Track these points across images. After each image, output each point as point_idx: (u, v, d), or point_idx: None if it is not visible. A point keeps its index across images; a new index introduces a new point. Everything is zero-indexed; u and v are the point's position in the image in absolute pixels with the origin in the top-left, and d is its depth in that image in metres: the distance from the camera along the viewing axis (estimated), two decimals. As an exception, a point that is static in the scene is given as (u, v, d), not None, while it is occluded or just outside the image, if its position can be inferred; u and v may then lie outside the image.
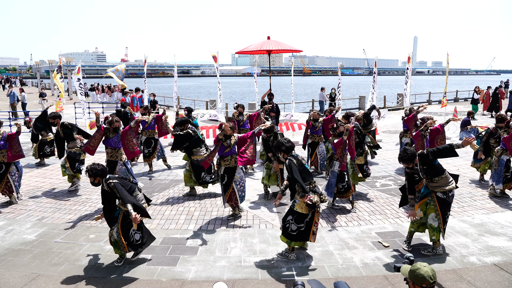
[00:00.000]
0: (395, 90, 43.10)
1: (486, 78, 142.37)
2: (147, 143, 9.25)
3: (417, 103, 26.32)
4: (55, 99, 13.71)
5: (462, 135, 13.32)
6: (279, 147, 5.09)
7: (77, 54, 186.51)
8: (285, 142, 5.07)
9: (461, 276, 4.57)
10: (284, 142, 5.07)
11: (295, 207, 4.93)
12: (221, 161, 6.33)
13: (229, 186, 6.29)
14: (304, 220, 4.90)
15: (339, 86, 14.23)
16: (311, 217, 4.92)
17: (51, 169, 9.74)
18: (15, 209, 6.93)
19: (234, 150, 6.32)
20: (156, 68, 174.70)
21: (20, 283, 4.49)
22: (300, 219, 4.90)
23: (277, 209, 6.91)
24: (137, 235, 4.88)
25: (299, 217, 4.90)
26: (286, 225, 4.97)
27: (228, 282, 4.50)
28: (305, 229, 4.91)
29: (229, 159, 6.28)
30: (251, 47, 12.93)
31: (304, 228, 4.91)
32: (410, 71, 14.26)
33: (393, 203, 7.12)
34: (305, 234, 4.92)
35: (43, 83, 34.94)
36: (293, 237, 4.93)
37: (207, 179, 7.43)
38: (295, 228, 4.91)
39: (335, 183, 6.62)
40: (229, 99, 37.50)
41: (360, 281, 4.51)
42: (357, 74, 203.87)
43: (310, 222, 4.93)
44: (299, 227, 4.91)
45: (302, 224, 4.90)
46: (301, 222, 4.90)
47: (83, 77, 13.79)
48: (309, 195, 4.70)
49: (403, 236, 5.71)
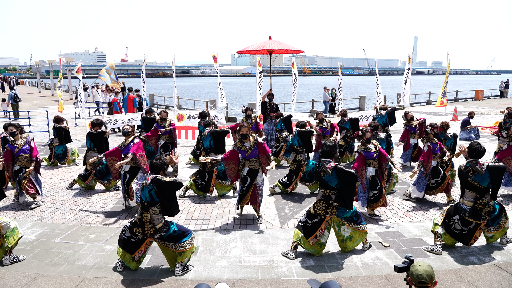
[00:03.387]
0: (395, 90, 43.09)
1: (486, 78, 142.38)
2: (164, 147, 9.30)
3: (417, 103, 26.32)
4: (57, 99, 13.69)
5: (462, 135, 13.35)
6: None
7: (77, 54, 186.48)
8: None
9: (461, 276, 4.57)
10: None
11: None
12: (246, 162, 6.15)
13: (250, 188, 6.15)
14: (313, 219, 5.09)
15: (339, 86, 14.23)
16: (318, 221, 5.06)
17: (51, 169, 9.73)
18: (15, 209, 6.92)
19: (255, 153, 6.14)
20: (156, 68, 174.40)
21: (20, 283, 4.49)
22: (310, 216, 5.12)
23: (277, 209, 6.91)
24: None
25: (309, 213, 5.14)
26: (302, 218, 5.23)
27: (228, 282, 4.49)
28: (310, 226, 5.08)
29: (254, 161, 6.14)
30: (252, 46, 12.90)
31: (310, 226, 5.09)
32: (410, 71, 14.28)
33: (393, 203, 7.12)
34: (310, 231, 5.08)
35: (69, 84, 33.13)
36: (300, 227, 5.13)
37: (198, 182, 7.48)
38: (304, 219, 5.16)
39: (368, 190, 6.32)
40: (229, 99, 37.51)
41: (360, 281, 4.51)
42: (357, 74, 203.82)
43: (317, 226, 5.06)
44: (306, 221, 5.12)
45: (310, 221, 5.10)
46: (310, 219, 5.11)
47: (83, 77, 13.78)
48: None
49: (403, 236, 5.72)
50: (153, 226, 4.59)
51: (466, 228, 5.13)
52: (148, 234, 4.60)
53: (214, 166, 7.43)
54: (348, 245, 5.14)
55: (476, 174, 5.03)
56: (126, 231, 4.74)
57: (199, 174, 7.50)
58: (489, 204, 5.05)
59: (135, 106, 15.09)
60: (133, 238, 4.69)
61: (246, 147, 6.13)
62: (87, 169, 7.97)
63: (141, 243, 4.71)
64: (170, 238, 4.65)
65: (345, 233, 5.12)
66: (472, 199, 5.10)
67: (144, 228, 4.59)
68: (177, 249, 4.64)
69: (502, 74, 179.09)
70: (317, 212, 5.05)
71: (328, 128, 9.49)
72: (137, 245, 4.70)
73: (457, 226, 5.18)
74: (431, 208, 6.88)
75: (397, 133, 14.16)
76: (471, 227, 5.12)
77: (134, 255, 4.70)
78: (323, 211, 5.03)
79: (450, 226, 5.22)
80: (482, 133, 14.06)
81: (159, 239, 4.66)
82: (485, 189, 5.05)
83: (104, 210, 6.87)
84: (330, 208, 5.03)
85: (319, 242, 5.08)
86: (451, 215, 5.26)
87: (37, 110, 19.09)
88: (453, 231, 5.20)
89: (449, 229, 5.23)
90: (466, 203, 5.14)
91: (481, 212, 5.04)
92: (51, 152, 9.89)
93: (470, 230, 5.12)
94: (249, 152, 6.12)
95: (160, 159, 4.73)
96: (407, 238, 5.66)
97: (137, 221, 4.65)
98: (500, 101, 27.62)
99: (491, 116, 19.09)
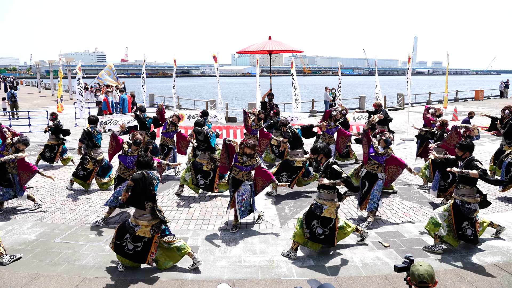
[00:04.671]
0: (395, 90, 43.10)
1: (486, 78, 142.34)
2: (161, 148, 9.12)
3: (416, 103, 26.31)
4: (58, 100, 13.68)
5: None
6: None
7: (77, 54, 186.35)
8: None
9: (461, 276, 4.57)
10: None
11: (322, 213, 5.04)
12: (232, 168, 6.04)
13: (232, 196, 6.01)
14: (328, 225, 5.05)
15: (339, 86, 14.23)
16: (334, 223, 5.07)
17: (51, 169, 9.73)
18: (15, 209, 6.92)
19: (246, 169, 5.95)
20: (156, 68, 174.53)
21: (20, 283, 4.49)
22: (326, 223, 5.06)
23: (277, 209, 6.91)
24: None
25: (324, 221, 5.05)
26: (312, 230, 5.06)
27: (228, 282, 4.50)
28: (329, 233, 5.05)
29: (238, 172, 5.97)
30: (252, 47, 12.91)
31: (329, 233, 5.05)
32: (410, 71, 14.27)
33: (393, 203, 7.12)
34: (329, 237, 5.07)
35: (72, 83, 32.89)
36: (319, 240, 5.07)
37: (200, 182, 7.38)
38: (321, 231, 5.05)
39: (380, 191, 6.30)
40: (229, 99, 37.51)
41: (360, 281, 4.51)
42: (357, 74, 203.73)
43: (334, 228, 5.07)
44: (324, 231, 5.05)
45: (326, 229, 5.05)
46: (326, 227, 5.05)
47: (83, 77, 13.78)
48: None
49: (403, 236, 5.72)
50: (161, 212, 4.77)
51: (474, 228, 5.17)
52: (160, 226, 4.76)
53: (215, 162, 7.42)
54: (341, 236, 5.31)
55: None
56: (128, 244, 4.65)
57: (201, 174, 7.34)
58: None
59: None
60: (138, 247, 4.65)
61: (242, 160, 5.93)
62: (86, 168, 7.85)
63: (150, 245, 4.67)
64: (167, 229, 4.86)
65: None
66: (472, 194, 5.26)
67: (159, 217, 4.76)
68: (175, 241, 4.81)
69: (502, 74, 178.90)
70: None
71: (332, 127, 9.37)
72: (147, 250, 4.66)
73: (468, 231, 5.15)
74: (432, 208, 6.88)
75: (397, 132, 14.18)
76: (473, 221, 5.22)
77: (147, 261, 4.68)
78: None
79: (464, 235, 5.17)
80: (482, 133, 14.03)
81: (161, 232, 4.76)
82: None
83: (104, 210, 6.86)
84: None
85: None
86: (460, 223, 5.18)
87: (37, 110, 19.09)
88: (468, 238, 5.17)
89: (463, 237, 5.19)
90: (470, 200, 5.23)
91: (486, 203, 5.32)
92: (56, 151, 9.78)
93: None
94: (239, 164, 5.93)
95: (146, 156, 4.89)
96: (407, 238, 5.66)
97: (150, 216, 4.74)
98: (500, 101, 27.59)
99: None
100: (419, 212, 6.69)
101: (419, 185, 8.12)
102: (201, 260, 4.89)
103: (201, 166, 7.36)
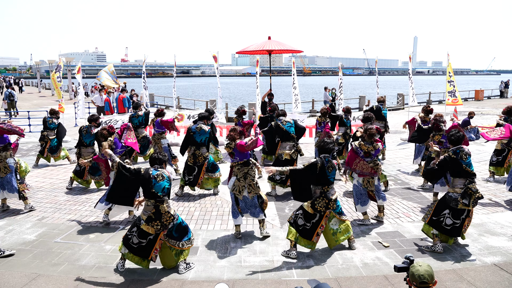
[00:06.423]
0: (395, 90, 43.09)
1: (486, 78, 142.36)
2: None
3: (416, 103, 26.23)
4: (58, 100, 13.69)
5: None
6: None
7: (77, 54, 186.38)
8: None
9: (461, 276, 4.57)
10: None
11: (303, 204, 5.19)
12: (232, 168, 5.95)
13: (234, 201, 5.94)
14: (311, 220, 5.09)
15: (340, 86, 14.23)
16: (318, 219, 5.09)
17: (51, 169, 9.73)
18: (15, 209, 6.92)
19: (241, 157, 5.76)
20: (156, 68, 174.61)
21: (20, 283, 4.49)
22: (308, 217, 5.11)
23: (277, 209, 6.91)
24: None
25: (307, 215, 5.11)
26: (295, 218, 5.17)
27: (228, 282, 4.50)
28: (310, 228, 5.09)
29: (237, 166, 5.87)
30: (252, 47, 12.90)
31: (310, 227, 5.09)
32: (410, 70, 14.28)
33: (393, 203, 7.12)
34: (309, 232, 5.08)
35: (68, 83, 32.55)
36: (299, 231, 5.11)
37: (186, 178, 7.53)
38: (302, 223, 5.12)
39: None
40: (229, 99, 37.51)
41: (360, 281, 4.51)
42: (357, 74, 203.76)
43: (317, 224, 5.09)
44: (305, 224, 5.10)
45: (308, 224, 5.10)
46: (308, 221, 5.10)
47: (83, 77, 13.78)
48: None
49: (403, 236, 5.72)
50: (171, 215, 4.70)
51: (458, 221, 5.09)
52: (167, 224, 4.66)
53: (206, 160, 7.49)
54: (338, 238, 5.21)
55: (468, 157, 5.08)
56: (133, 237, 4.67)
57: (187, 169, 7.52)
58: (477, 191, 5.05)
59: (125, 106, 15.30)
60: (142, 242, 4.65)
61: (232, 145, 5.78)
62: (80, 165, 7.84)
63: (154, 241, 4.68)
64: (178, 231, 4.74)
65: (334, 226, 5.23)
66: (462, 186, 5.10)
67: (162, 219, 4.64)
68: (184, 246, 4.73)
69: (502, 74, 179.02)
70: (318, 210, 5.07)
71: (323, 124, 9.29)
72: (151, 246, 4.67)
73: (448, 221, 5.11)
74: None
75: (397, 132, 14.19)
76: (463, 216, 5.09)
77: (150, 257, 4.68)
78: (324, 207, 5.08)
79: (440, 223, 5.16)
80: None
81: (168, 233, 4.70)
82: (473, 174, 5.10)
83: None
84: (330, 203, 5.10)
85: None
86: (440, 211, 5.19)
87: (37, 110, 19.08)
88: (445, 228, 5.13)
89: (439, 226, 5.16)
90: (457, 191, 5.12)
91: (471, 197, 5.02)
92: (45, 145, 9.76)
93: (463, 220, 5.11)
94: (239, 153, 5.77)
95: (161, 154, 4.93)
96: (407, 238, 5.66)
97: (152, 215, 4.65)
98: (500, 101, 27.60)
99: (491, 116, 19.06)
100: (419, 212, 6.69)
101: (419, 185, 8.12)
102: (195, 266, 4.89)
103: (187, 161, 7.55)
